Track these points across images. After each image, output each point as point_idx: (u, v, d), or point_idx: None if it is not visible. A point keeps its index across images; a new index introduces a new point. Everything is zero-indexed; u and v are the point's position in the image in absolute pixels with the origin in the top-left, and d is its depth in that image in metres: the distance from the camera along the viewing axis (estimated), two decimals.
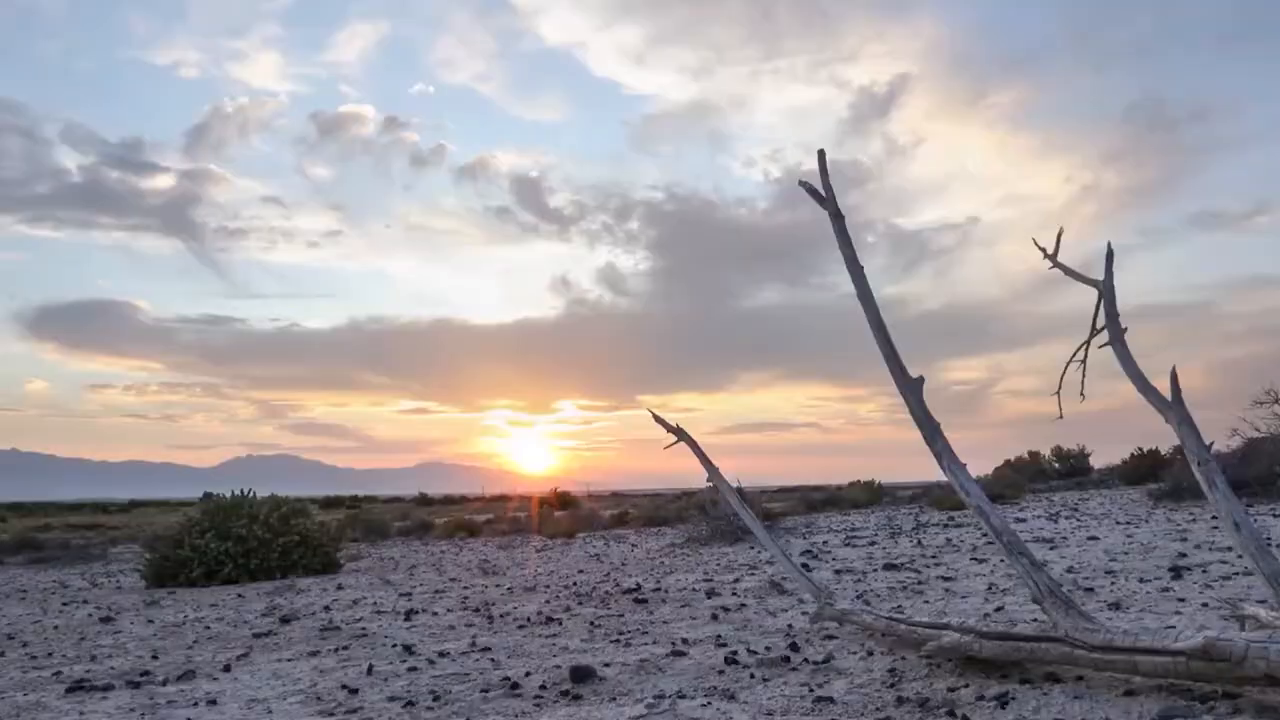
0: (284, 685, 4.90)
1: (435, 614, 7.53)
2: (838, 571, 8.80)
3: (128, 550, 19.27)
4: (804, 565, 9.38)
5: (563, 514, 26.49)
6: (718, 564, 10.46)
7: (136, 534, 23.96)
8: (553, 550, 15.50)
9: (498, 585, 9.67)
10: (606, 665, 4.90)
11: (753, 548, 12.34)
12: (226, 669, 5.44)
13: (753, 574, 9.10)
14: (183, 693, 4.83)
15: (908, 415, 4.43)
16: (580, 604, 7.67)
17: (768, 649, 5.04)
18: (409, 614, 7.54)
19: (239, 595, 9.97)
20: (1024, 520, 13.78)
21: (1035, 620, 4.07)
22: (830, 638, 5.30)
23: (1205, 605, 5.38)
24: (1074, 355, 4.80)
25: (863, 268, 4.74)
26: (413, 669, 5.16)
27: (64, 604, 9.80)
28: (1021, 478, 25.29)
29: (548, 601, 7.94)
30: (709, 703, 3.95)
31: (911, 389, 4.42)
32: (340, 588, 10.30)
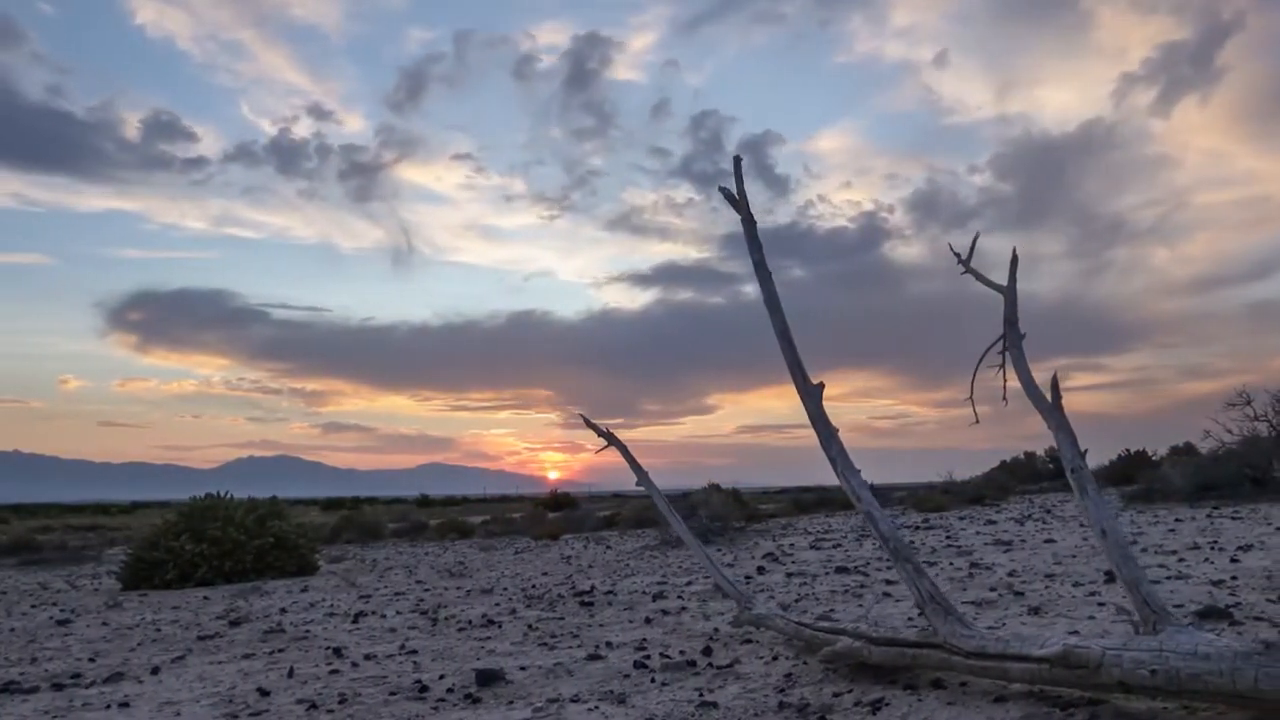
0: (204, 688, 4.96)
1: (384, 617, 7.59)
2: (789, 575, 8.83)
3: (123, 552, 19.40)
4: (760, 569, 9.44)
5: (556, 515, 26.58)
6: (679, 566, 10.51)
7: (134, 536, 24.16)
8: (531, 552, 15.57)
9: (459, 588, 9.74)
10: (522, 669, 4.95)
11: (719, 549, 12.39)
12: (155, 671, 5.51)
13: (707, 577, 9.12)
14: (102, 695, 4.90)
15: (925, 414, 4.47)
16: (528, 607, 7.73)
17: (682, 653, 5.08)
18: (358, 617, 7.61)
19: (205, 598, 10.06)
20: (994, 523, 13.79)
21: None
22: (748, 642, 5.35)
23: (1121, 610, 5.40)
24: (980, 360, 4.83)
25: (771, 273, 4.79)
26: (334, 671, 5.21)
27: (31, 606, 9.91)
28: (1012, 479, 25.28)
29: (497, 604, 8.00)
30: (597, 707, 4.00)
31: (811, 395, 4.47)
32: (305, 590, 10.38)
